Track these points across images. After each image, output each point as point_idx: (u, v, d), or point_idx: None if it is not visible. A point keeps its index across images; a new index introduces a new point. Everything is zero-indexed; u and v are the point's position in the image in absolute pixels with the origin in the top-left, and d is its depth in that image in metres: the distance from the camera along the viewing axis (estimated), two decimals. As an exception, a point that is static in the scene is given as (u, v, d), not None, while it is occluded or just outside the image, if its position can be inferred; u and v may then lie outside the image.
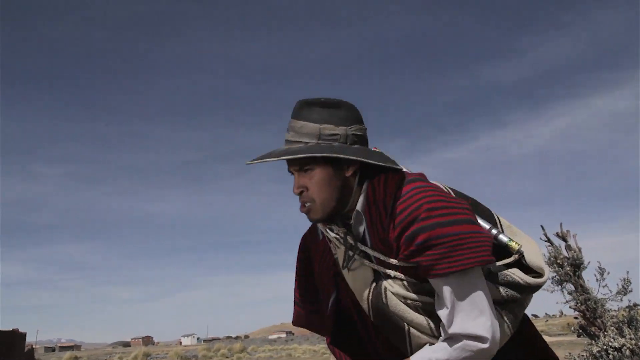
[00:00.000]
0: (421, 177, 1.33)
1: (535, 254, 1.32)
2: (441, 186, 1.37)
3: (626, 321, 5.93)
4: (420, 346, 1.26)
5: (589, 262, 6.53)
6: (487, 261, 1.16)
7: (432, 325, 1.24)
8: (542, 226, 7.45)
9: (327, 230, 1.36)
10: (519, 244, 1.29)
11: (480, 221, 1.31)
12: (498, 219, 1.40)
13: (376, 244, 1.27)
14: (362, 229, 1.31)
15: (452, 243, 1.14)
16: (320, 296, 1.53)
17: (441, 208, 1.17)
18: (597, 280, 6.44)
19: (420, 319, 1.25)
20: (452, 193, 1.37)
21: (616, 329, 5.72)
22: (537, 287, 1.28)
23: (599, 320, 5.77)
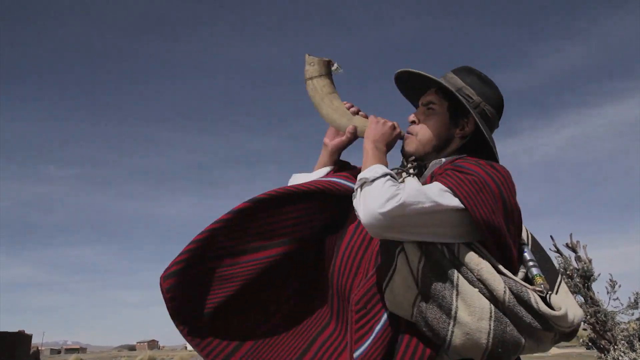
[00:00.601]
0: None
1: (572, 307, 1.19)
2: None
3: (637, 335, 5.81)
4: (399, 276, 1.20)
5: (599, 274, 6.43)
6: (474, 211, 1.14)
7: (419, 264, 1.17)
8: (551, 236, 7.36)
9: (403, 163, 1.45)
10: (546, 287, 1.18)
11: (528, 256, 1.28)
12: (560, 280, 1.33)
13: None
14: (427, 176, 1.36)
15: (474, 180, 1.18)
16: None
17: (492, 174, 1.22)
18: (607, 292, 6.34)
19: (415, 248, 1.19)
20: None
21: (627, 342, 5.61)
22: (552, 326, 1.12)
23: (609, 334, 5.67)
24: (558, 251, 6.44)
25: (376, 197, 1.15)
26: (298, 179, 1.58)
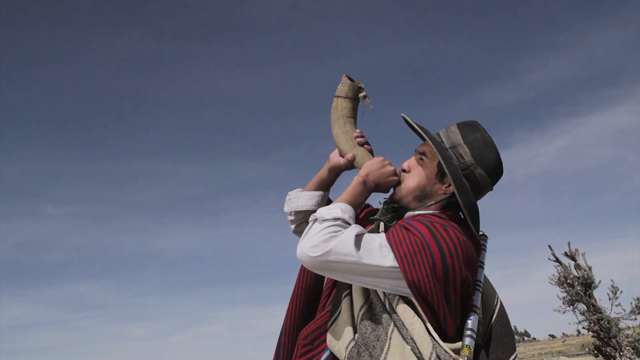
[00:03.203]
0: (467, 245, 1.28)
1: None
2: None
3: (642, 340, 5.80)
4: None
5: (599, 281, 6.43)
6: (407, 284, 1.17)
7: (361, 310, 1.25)
8: (549, 246, 7.38)
9: (383, 209, 1.46)
10: (470, 358, 1.20)
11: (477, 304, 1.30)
12: (496, 305, 1.39)
13: None
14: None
15: (416, 241, 1.19)
16: None
17: (442, 236, 1.21)
18: (609, 299, 6.33)
19: (360, 294, 1.28)
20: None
21: (632, 348, 5.60)
22: None
23: (613, 340, 5.65)
24: (557, 260, 6.45)
25: (312, 237, 1.23)
26: (295, 197, 1.62)
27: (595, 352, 6.28)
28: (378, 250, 1.20)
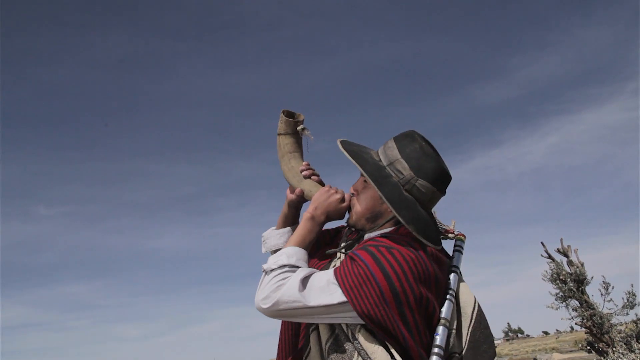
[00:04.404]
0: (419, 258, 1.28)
1: None
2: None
3: (634, 335, 5.85)
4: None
5: (592, 277, 6.49)
6: (355, 313, 1.21)
7: (327, 344, 1.30)
8: (542, 243, 7.43)
9: (345, 237, 1.52)
10: None
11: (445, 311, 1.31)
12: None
13: None
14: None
15: (359, 273, 1.22)
16: None
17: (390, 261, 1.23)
18: (602, 295, 6.38)
19: (326, 328, 1.32)
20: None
21: (624, 344, 5.64)
22: None
23: (606, 336, 5.69)
24: (550, 257, 6.49)
25: (262, 290, 1.29)
26: (269, 237, 1.66)
27: (588, 348, 6.32)
28: (326, 288, 1.24)
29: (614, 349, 5.96)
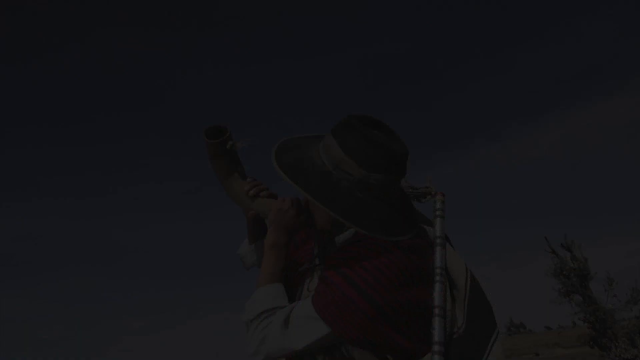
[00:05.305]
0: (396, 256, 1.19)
1: None
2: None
3: (638, 331, 5.82)
4: None
5: (595, 272, 6.45)
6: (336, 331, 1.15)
7: None
8: (545, 237, 7.39)
9: (316, 247, 1.40)
10: None
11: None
12: (495, 337, 1.26)
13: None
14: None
15: (335, 299, 1.14)
16: None
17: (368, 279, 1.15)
18: (605, 290, 6.35)
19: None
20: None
21: (627, 339, 5.61)
22: None
23: (609, 331, 5.66)
24: (553, 251, 6.46)
25: (249, 344, 1.24)
26: (244, 256, 1.61)
27: (591, 343, 6.30)
28: (308, 326, 1.17)
29: (617, 344, 5.94)
